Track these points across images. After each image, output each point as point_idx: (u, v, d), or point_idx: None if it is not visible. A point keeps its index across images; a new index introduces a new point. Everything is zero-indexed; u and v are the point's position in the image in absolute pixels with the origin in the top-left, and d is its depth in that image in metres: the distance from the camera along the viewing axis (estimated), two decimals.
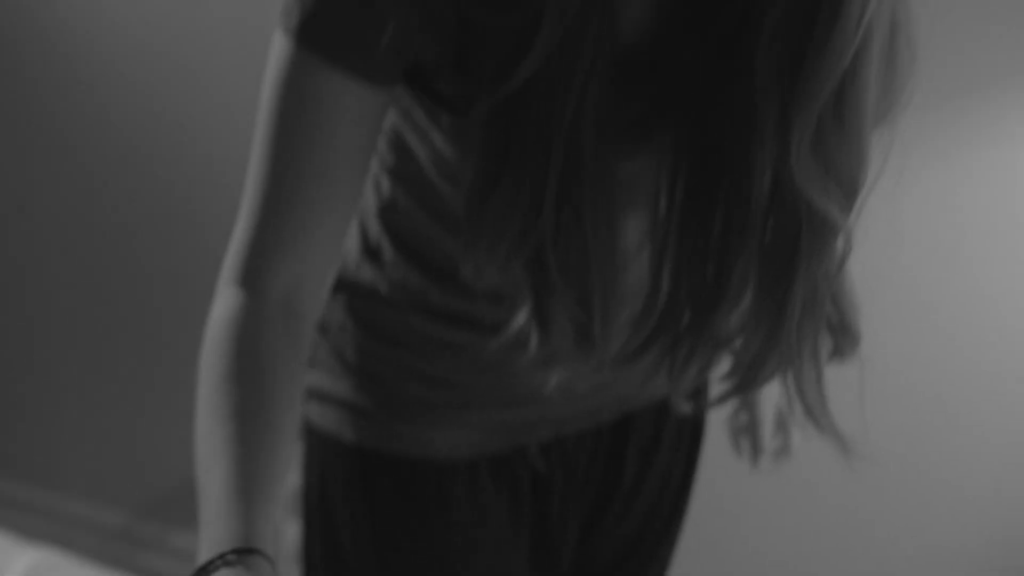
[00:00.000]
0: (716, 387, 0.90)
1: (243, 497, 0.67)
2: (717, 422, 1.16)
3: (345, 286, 0.99)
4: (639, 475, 1.08)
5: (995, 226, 1.54)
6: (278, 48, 0.75)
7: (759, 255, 0.78)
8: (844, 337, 0.89)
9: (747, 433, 1.17)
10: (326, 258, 0.80)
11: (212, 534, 0.65)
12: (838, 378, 0.85)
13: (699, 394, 1.05)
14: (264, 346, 0.75)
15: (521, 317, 0.84)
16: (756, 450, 1.16)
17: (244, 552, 0.63)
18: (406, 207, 0.92)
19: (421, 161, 0.87)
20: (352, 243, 0.98)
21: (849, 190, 0.74)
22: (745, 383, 0.84)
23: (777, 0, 0.69)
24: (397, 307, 0.96)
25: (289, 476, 0.79)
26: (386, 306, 0.97)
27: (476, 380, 0.97)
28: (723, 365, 0.87)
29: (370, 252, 0.97)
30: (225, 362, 0.74)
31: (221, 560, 0.63)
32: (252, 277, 0.77)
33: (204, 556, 0.64)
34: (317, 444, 1.01)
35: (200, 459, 0.71)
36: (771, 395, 1.14)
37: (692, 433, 1.12)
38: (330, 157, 0.76)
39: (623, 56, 0.76)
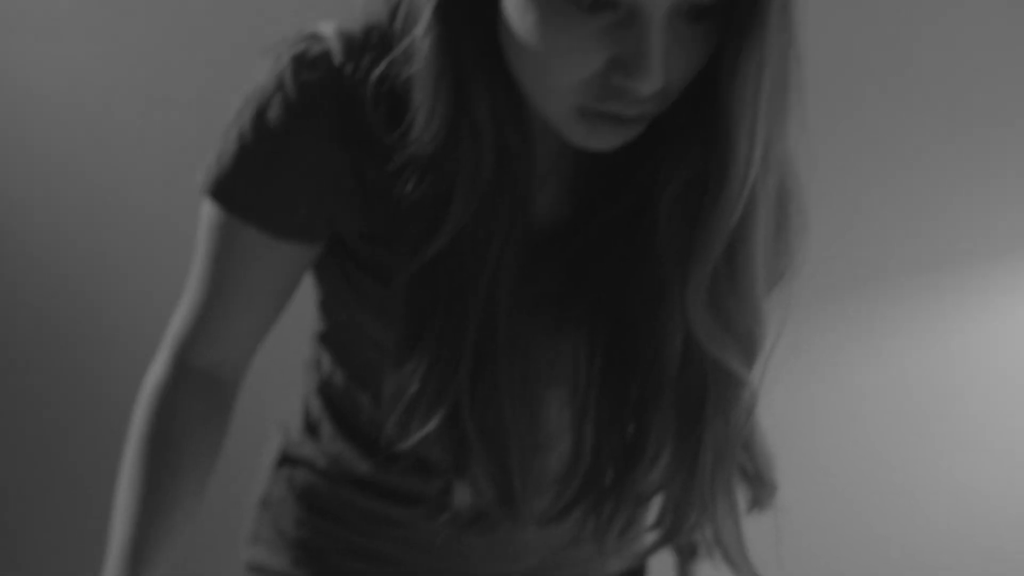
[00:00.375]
0: (646, 538, 0.92)
1: (130, 563, 0.84)
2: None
3: (287, 461, 1.01)
4: None
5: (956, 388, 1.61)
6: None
7: (672, 411, 0.82)
8: (761, 487, 0.93)
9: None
10: (250, 344, 0.91)
11: None
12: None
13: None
14: (181, 413, 0.88)
15: (448, 485, 0.87)
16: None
17: None
18: (339, 379, 0.96)
19: (348, 326, 0.91)
20: (295, 420, 1.01)
21: (748, 346, 0.79)
22: (670, 533, 0.87)
23: (673, 175, 0.75)
24: (334, 481, 0.98)
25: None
26: (324, 480, 0.99)
27: (414, 557, 0.99)
28: (649, 518, 0.90)
29: (310, 428, 1.00)
30: (145, 425, 0.88)
31: None
32: (181, 352, 0.89)
33: None
34: None
35: (113, 515, 0.85)
36: None
37: None
38: (247, 288, 0.87)
39: (538, 234, 0.82)
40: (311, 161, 0.79)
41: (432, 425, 0.81)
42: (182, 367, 0.89)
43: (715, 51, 0.70)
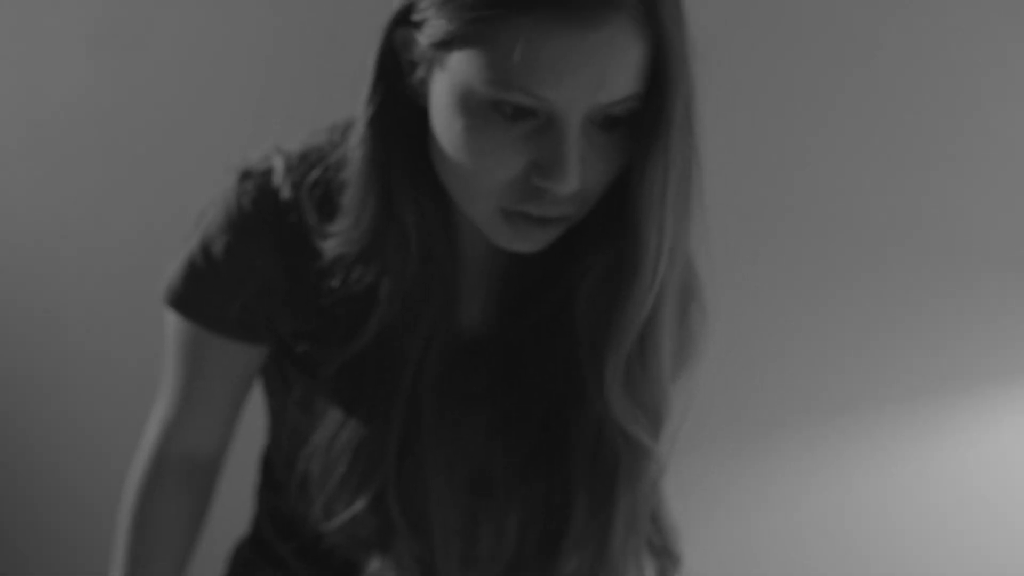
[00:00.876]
0: None
1: None
2: None
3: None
4: None
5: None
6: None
7: (587, 485, 0.89)
8: (667, 559, 1.00)
9: None
10: (221, 431, 1.01)
11: None
12: None
13: None
14: (160, 501, 1.00)
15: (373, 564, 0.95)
16: None
17: None
18: (274, 460, 1.05)
19: (280, 414, 1.00)
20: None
21: (655, 421, 0.87)
22: None
23: (589, 271, 0.82)
24: (259, 553, 1.07)
25: None
26: (252, 551, 1.09)
27: None
28: None
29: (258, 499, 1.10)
30: (129, 513, 1.01)
31: None
32: (159, 444, 1.00)
33: None
34: None
35: None
36: None
37: None
38: (209, 383, 0.97)
39: (467, 334, 0.89)
40: (250, 269, 0.88)
41: (358, 506, 0.89)
42: (161, 458, 1.00)
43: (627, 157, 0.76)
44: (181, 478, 1.01)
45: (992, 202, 1.48)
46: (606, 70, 0.71)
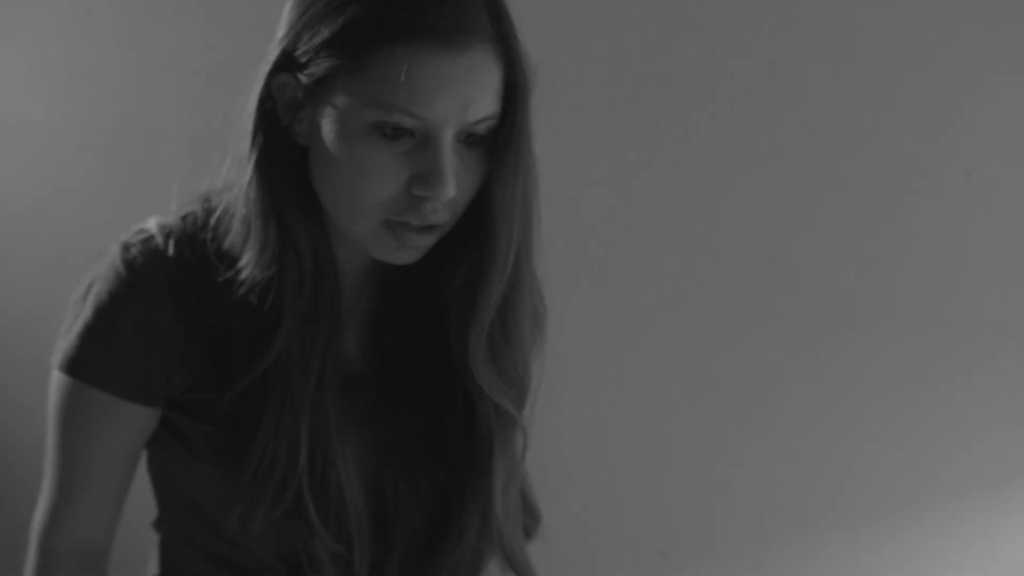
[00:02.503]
0: None
1: None
2: None
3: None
4: None
5: None
6: (53, 377, 0.99)
7: (468, 461, 1.02)
8: (530, 516, 1.12)
9: None
10: (109, 515, 1.02)
11: None
12: None
13: None
14: None
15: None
16: None
17: None
18: (171, 515, 1.08)
19: (176, 474, 1.04)
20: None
21: (520, 393, 1.02)
22: (475, 566, 1.05)
23: (457, 271, 0.96)
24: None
25: None
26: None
27: None
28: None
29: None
30: None
31: None
32: (46, 541, 1.01)
33: None
34: None
35: None
36: None
37: None
38: (101, 454, 0.99)
39: (354, 345, 1.02)
40: (147, 327, 0.94)
41: (277, 513, 0.95)
42: (51, 557, 1.01)
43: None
44: (77, 568, 1.01)
45: None
46: (473, 91, 0.85)
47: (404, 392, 1.02)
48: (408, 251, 0.91)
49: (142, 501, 1.10)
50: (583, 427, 1.80)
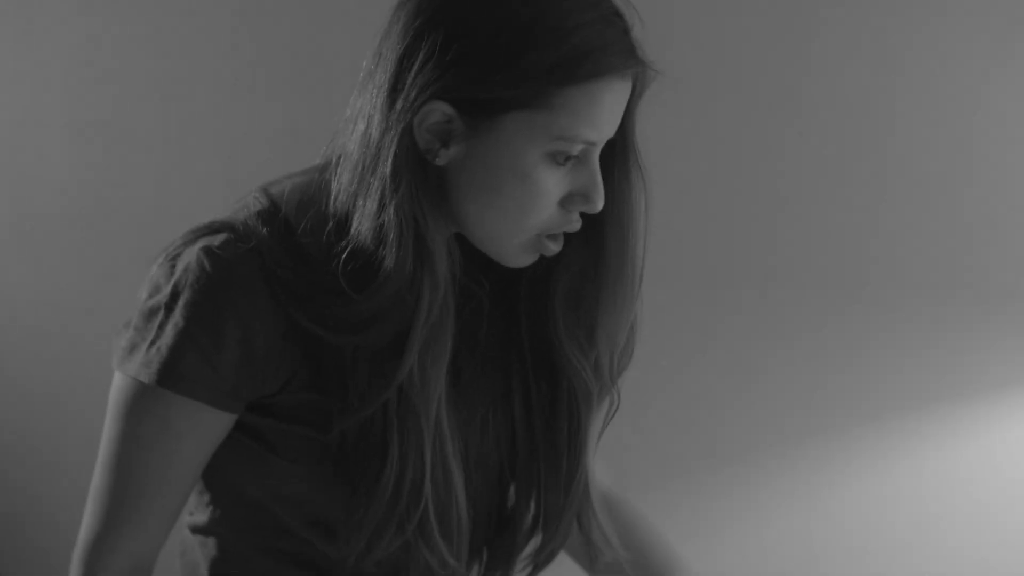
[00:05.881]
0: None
1: None
2: None
3: None
4: None
5: None
6: (124, 386, 0.92)
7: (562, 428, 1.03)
8: None
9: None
10: (160, 535, 0.96)
11: None
12: None
13: None
14: None
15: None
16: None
17: None
18: (234, 518, 1.02)
19: (260, 499, 0.98)
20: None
21: (613, 366, 1.03)
22: (554, 540, 1.06)
23: (565, 271, 0.98)
24: None
25: None
26: None
27: None
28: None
29: None
30: None
31: None
32: (96, 559, 0.94)
33: None
34: None
35: None
36: None
37: None
38: (178, 462, 0.93)
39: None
40: (242, 325, 0.88)
41: (399, 542, 0.93)
42: None
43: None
44: None
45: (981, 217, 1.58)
46: (623, 108, 0.90)
47: (511, 387, 1.03)
48: (534, 257, 0.93)
49: None
50: None
